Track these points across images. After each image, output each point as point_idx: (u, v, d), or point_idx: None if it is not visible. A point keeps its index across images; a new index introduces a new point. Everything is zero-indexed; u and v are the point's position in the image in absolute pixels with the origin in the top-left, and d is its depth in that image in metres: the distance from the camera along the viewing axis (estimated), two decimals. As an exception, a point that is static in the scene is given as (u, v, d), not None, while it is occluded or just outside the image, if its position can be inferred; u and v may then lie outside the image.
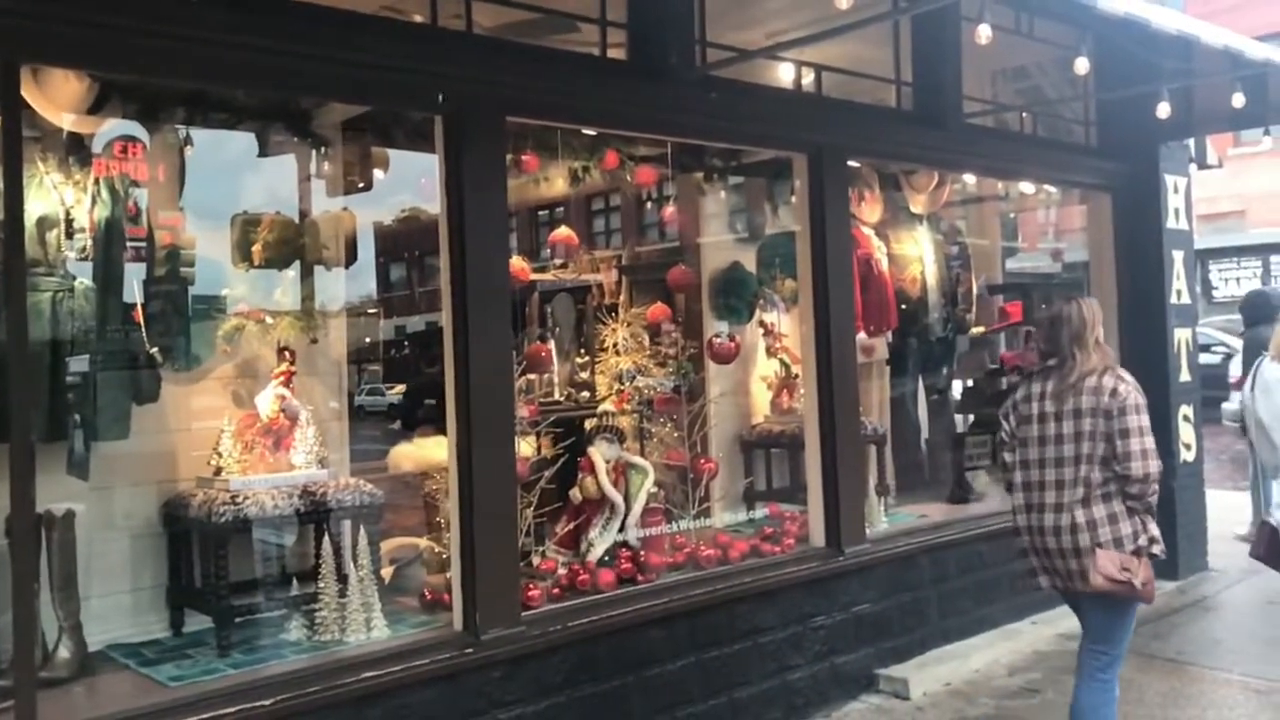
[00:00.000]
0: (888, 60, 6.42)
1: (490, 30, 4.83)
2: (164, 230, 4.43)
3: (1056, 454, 4.01)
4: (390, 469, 5.93)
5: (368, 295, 10.97)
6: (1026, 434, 4.13)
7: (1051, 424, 4.04)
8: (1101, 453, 3.91)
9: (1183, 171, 7.89)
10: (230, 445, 4.41)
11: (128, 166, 4.49)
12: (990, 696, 5.59)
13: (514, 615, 4.35)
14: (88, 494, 4.28)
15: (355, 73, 4.07)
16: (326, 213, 5.96)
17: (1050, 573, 4.08)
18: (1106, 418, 3.90)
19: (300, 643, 4.26)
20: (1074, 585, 4.00)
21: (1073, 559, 3.94)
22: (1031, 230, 11.83)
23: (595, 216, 10.06)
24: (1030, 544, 4.13)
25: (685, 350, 5.90)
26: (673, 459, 5.74)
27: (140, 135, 4.63)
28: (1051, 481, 4.02)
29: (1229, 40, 4.92)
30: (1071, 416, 3.98)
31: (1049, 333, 4.16)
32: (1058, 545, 3.98)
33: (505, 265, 4.45)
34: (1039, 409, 4.10)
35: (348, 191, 5.84)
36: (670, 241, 7.16)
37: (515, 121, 4.97)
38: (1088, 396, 3.94)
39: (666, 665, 4.81)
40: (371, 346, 13.24)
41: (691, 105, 5.15)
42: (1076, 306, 4.12)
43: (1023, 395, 4.21)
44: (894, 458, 7.28)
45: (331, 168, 5.53)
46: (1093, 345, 4.04)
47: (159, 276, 4.36)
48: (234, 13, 3.74)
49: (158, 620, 4.50)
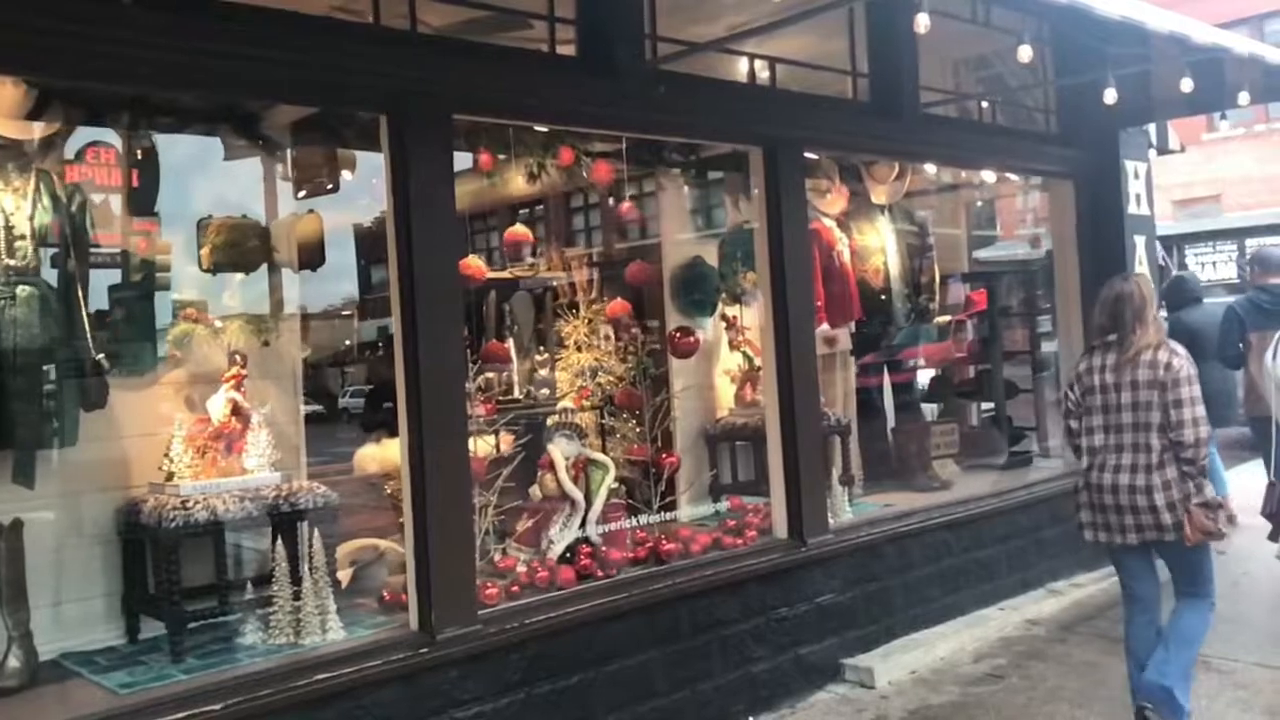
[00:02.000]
0: (844, 53, 6.43)
1: (443, 29, 4.82)
2: (111, 236, 4.41)
3: (1118, 421, 4.41)
4: (356, 470, 5.91)
5: (348, 297, 10.93)
6: (1090, 403, 4.52)
7: (1113, 393, 4.43)
8: (1159, 420, 4.31)
9: (1143, 157, 7.93)
10: (181, 450, 4.39)
11: (83, 172, 4.51)
12: (955, 683, 5.61)
13: (471, 614, 4.35)
14: (40, 502, 4.27)
15: (297, 73, 4.06)
16: (291, 215, 5.99)
17: (1106, 528, 4.50)
18: (1162, 389, 4.30)
19: (255, 646, 4.24)
20: (1127, 538, 4.43)
21: (1130, 515, 4.37)
22: (1009, 218, 11.91)
23: (575, 214, 10.04)
24: (1089, 501, 4.55)
25: (645, 346, 5.89)
26: (635, 454, 5.74)
27: (113, 141, 4.66)
28: (1113, 445, 4.43)
29: (1175, 25, 4.94)
30: (1130, 387, 4.38)
31: (1112, 309, 4.48)
32: (1115, 502, 4.41)
33: (455, 265, 4.45)
34: (1100, 380, 4.47)
35: (314, 194, 5.84)
36: (650, 239, 7.14)
37: (466, 120, 5.01)
38: (1145, 369, 4.34)
39: (627, 660, 4.81)
40: (351, 349, 13.20)
41: (642, 100, 5.15)
42: (1136, 285, 4.50)
43: (1085, 367, 4.58)
44: (861, 448, 7.30)
45: (288, 170, 5.53)
46: (1150, 321, 4.42)
47: (109, 283, 4.33)
48: (171, 15, 3.72)
49: (113, 628, 4.48)
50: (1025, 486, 7.21)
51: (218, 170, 5.18)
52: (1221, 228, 23.53)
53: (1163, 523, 4.32)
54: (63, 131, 4.32)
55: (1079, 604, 6.87)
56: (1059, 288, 7.91)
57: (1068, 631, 6.34)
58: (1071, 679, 5.56)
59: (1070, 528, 7.21)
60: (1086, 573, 7.34)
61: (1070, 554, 7.30)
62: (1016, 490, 7.08)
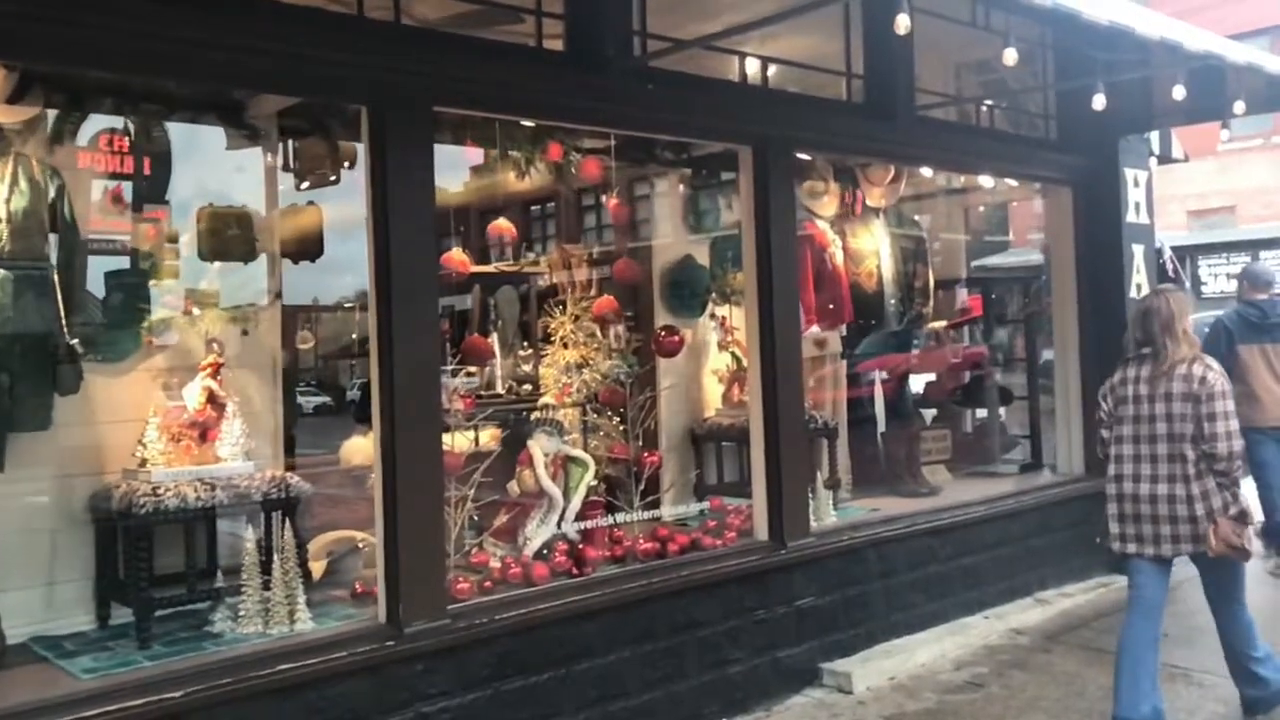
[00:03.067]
0: (840, 53, 6.40)
1: (435, 23, 4.82)
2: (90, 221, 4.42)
3: (1150, 431, 4.49)
4: (342, 463, 5.92)
5: (360, 290, 10.92)
6: (1123, 413, 4.61)
7: (1146, 405, 4.52)
8: (1191, 432, 4.39)
9: (1143, 165, 7.87)
10: (155, 437, 4.39)
11: (96, 159, 4.54)
12: (933, 691, 5.58)
13: (440, 608, 4.34)
14: (12, 486, 4.28)
15: (276, 63, 4.05)
16: (289, 206, 5.99)
17: (1138, 539, 4.56)
18: (1196, 402, 4.39)
19: (224, 635, 4.24)
20: (1161, 549, 4.50)
21: (1166, 525, 4.44)
22: (1022, 224, 11.83)
23: (588, 212, 10.03)
24: (1119, 511, 4.60)
25: (630, 343, 5.87)
26: (616, 453, 5.72)
27: (126, 128, 4.67)
28: (1146, 456, 4.50)
29: (1165, 31, 4.89)
30: (1164, 399, 4.46)
31: (1141, 323, 4.60)
32: (1151, 512, 4.47)
33: (432, 258, 4.44)
34: (1134, 391, 4.57)
35: (317, 185, 5.84)
36: (641, 237, 7.12)
37: (454, 113, 5.01)
38: (1179, 382, 4.43)
39: (599, 659, 4.79)
40: (361, 341, 13.18)
41: (629, 97, 5.14)
42: (1165, 300, 4.59)
43: (1119, 378, 4.67)
44: (851, 451, 7.27)
45: (289, 161, 5.53)
46: (1181, 335, 4.49)
47: (82, 267, 4.34)
48: (154, 3, 3.73)
49: (85, 613, 4.48)
50: (1015, 495, 7.16)
51: (215, 159, 5.18)
52: (1236, 239, 23.37)
53: (1200, 533, 4.40)
54: (44, 116, 4.31)
55: (1066, 614, 6.82)
56: (1056, 295, 7.86)
57: (1052, 641, 6.29)
58: (1051, 689, 5.51)
59: (1060, 537, 7.28)
60: (1076, 582, 7.31)
61: (1059, 563, 7.27)
62: (1005, 498, 7.04)
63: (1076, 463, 7.70)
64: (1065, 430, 7.77)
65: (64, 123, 4.47)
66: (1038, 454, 8.19)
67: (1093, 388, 7.57)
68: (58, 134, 4.46)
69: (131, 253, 4.79)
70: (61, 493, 4.49)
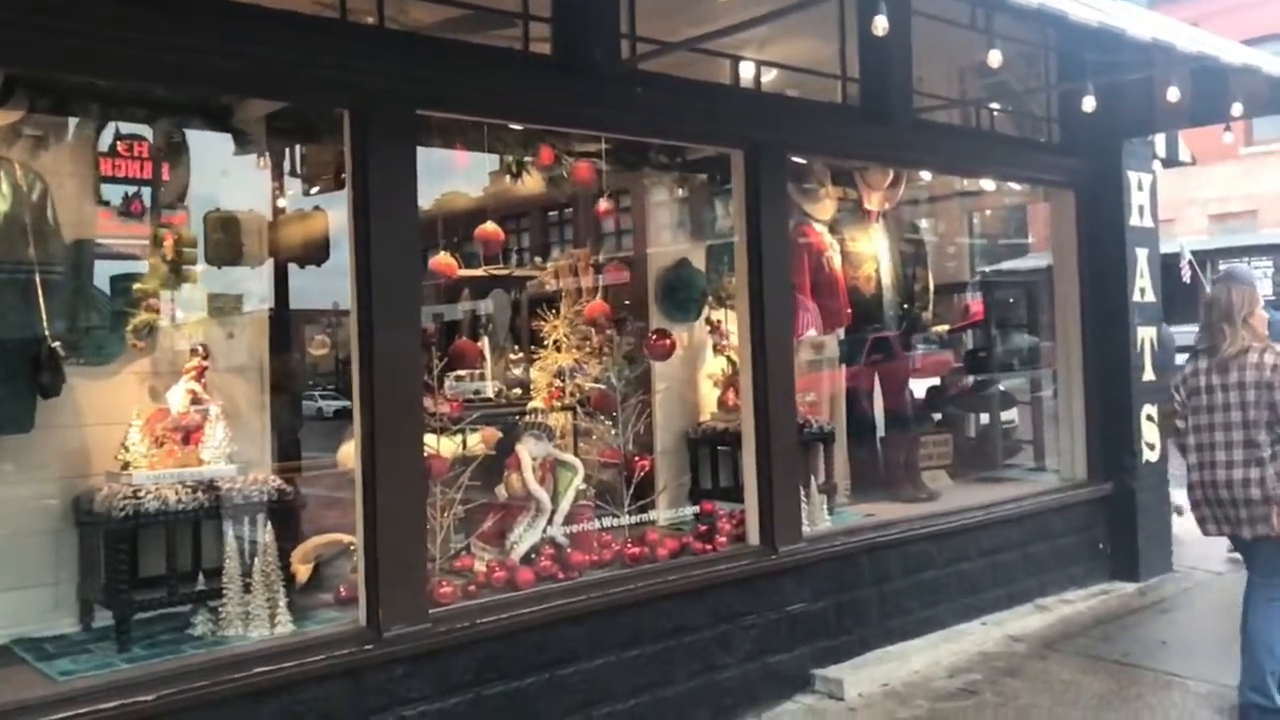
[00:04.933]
0: (836, 57, 6.36)
1: (424, 28, 4.82)
2: (72, 225, 4.44)
3: (1224, 420, 4.68)
4: (340, 465, 5.91)
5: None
6: (1196, 403, 4.80)
7: (1219, 394, 4.71)
8: (1266, 418, 4.58)
9: (1146, 168, 7.78)
10: (138, 440, 4.40)
11: (116, 165, 4.56)
12: (925, 698, 5.53)
13: (420, 612, 4.32)
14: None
15: (258, 67, 4.07)
16: (296, 211, 6.02)
17: (1219, 521, 4.76)
18: (1268, 389, 4.59)
19: (205, 638, 4.24)
20: (1242, 531, 4.67)
21: (1244, 508, 4.61)
22: (1042, 227, 11.72)
23: (605, 218, 10.00)
24: (1203, 496, 4.79)
25: (621, 347, 5.85)
26: (606, 457, 5.70)
27: (145, 134, 4.72)
28: (1221, 443, 4.69)
29: (1157, 33, 4.83)
30: (1236, 388, 4.66)
31: (1206, 314, 4.85)
32: (1230, 496, 4.65)
33: (414, 262, 4.44)
34: (1205, 381, 4.76)
35: (326, 190, 5.86)
36: (637, 241, 7.08)
37: (442, 117, 5.00)
38: (1250, 371, 4.63)
39: (584, 664, 4.77)
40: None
41: (617, 101, 5.12)
42: (1225, 291, 4.79)
43: (1190, 370, 4.87)
44: (850, 456, 7.22)
45: (264, 165, 5.55)
46: (1240, 324, 4.68)
47: (66, 271, 4.35)
48: (135, 7, 3.74)
49: (69, 615, 4.49)
50: (1014, 500, 7.09)
51: (202, 165, 5.19)
52: (1257, 243, 23.12)
53: (1256, 515, 4.59)
54: (27, 120, 4.33)
55: (1065, 620, 6.75)
56: (1059, 299, 7.78)
57: (1049, 649, 6.22)
58: (1045, 697, 5.46)
59: (1062, 543, 7.22)
60: (1077, 589, 7.24)
61: (1060, 569, 7.20)
62: (1005, 504, 6.97)
63: (1079, 468, 7.62)
64: (1068, 435, 7.69)
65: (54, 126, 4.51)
66: (1041, 458, 8.13)
67: (1095, 392, 7.55)
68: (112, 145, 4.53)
69: (118, 257, 4.81)
70: (45, 496, 4.49)
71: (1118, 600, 7.17)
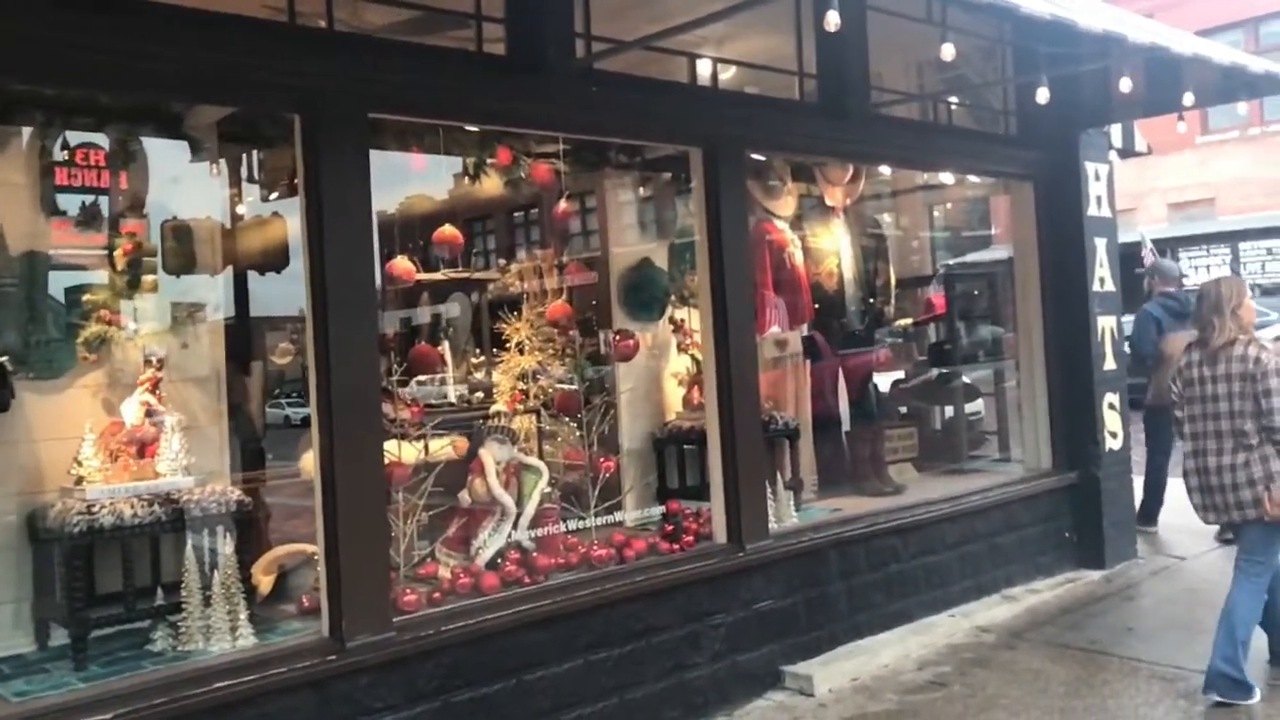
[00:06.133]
0: (793, 53, 6.35)
1: (376, 30, 4.77)
2: (23, 237, 4.36)
3: (1214, 410, 4.96)
4: (302, 474, 5.84)
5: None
6: (1191, 394, 5.09)
7: (1210, 385, 4.99)
8: (1251, 409, 4.83)
9: (1103, 159, 7.84)
10: (92, 454, 4.32)
11: (73, 174, 4.48)
12: (895, 691, 5.54)
13: (384, 621, 4.28)
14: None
15: (206, 71, 4.00)
16: (254, 218, 5.95)
17: (1211, 508, 5.04)
18: (1252, 380, 4.83)
19: (164, 653, 4.18)
20: (1233, 515, 4.97)
21: (1233, 493, 4.89)
22: (1006, 219, 11.76)
23: (565, 218, 9.95)
24: (1197, 483, 5.06)
25: (584, 348, 5.82)
26: (571, 458, 5.67)
27: (100, 142, 4.65)
28: (1212, 432, 4.97)
29: (1109, 25, 4.86)
30: (1225, 380, 4.93)
31: (1196, 309, 5.14)
32: (1219, 482, 4.94)
33: (369, 267, 4.39)
34: (1199, 373, 5.05)
35: (283, 196, 5.78)
36: (596, 241, 7.06)
37: (397, 120, 4.95)
38: (1236, 363, 4.89)
39: (552, 668, 4.74)
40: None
41: (573, 100, 5.09)
42: (1216, 285, 5.11)
43: (1186, 362, 5.15)
44: (816, 451, 7.22)
45: (216, 172, 5.47)
46: (1229, 315, 4.94)
47: (15, 282, 4.27)
48: (80, 11, 3.67)
49: (24, 635, 4.41)
50: (980, 491, 7.11)
51: (174, 172, 5.12)
52: (1215, 231, 23.43)
53: (1258, 499, 4.82)
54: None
55: (1033, 610, 6.79)
56: (1020, 290, 7.82)
57: (1017, 638, 6.25)
58: (1013, 687, 5.48)
59: (1028, 533, 7.26)
60: (1044, 579, 7.28)
61: (1027, 560, 7.24)
62: (970, 495, 6.99)
63: (1044, 458, 7.67)
64: (1032, 425, 7.74)
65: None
66: (1006, 449, 8.17)
67: (1058, 382, 7.61)
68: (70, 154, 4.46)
69: (74, 267, 4.73)
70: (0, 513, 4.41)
71: (1084, 588, 7.22)
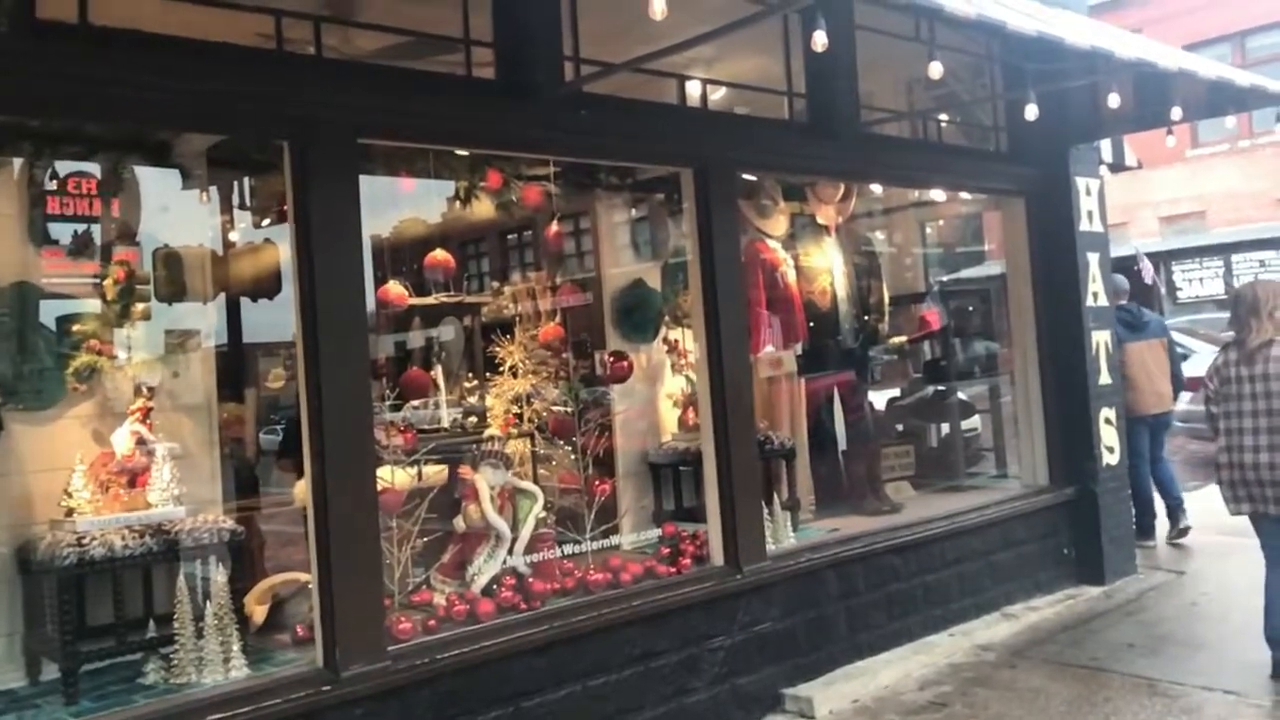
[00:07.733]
0: (783, 73, 6.37)
1: (365, 56, 4.77)
2: (13, 266, 4.34)
3: (1252, 407, 5.18)
4: (296, 502, 5.81)
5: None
6: (1226, 391, 5.31)
7: (1246, 384, 5.21)
8: None
9: (1094, 174, 7.86)
10: (82, 485, 4.28)
11: (65, 203, 4.47)
12: (896, 712, 5.49)
13: (379, 650, 4.23)
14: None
15: (195, 101, 3.99)
16: (246, 245, 5.94)
17: (1248, 500, 5.25)
18: None
19: (156, 686, 4.12)
20: (1269, 508, 5.16)
21: (1270, 488, 5.12)
22: (999, 234, 11.76)
23: (557, 241, 9.97)
24: (1230, 478, 5.29)
25: (577, 371, 5.80)
26: (566, 482, 5.63)
27: (91, 170, 4.64)
28: (1249, 428, 5.19)
29: (1096, 41, 4.87)
30: (1262, 379, 5.16)
31: (1234, 310, 5.36)
32: (1256, 477, 5.16)
33: (360, 293, 4.36)
34: (1235, 372, 5.28)
35: (275, 223, 5.77)
36: (591, 263, 7.04)
37: (386, 145, 4.95)
38: (1274, 363, 5.13)
39: (549, 694, 4.69)
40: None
41: (562, 123, 5.09)
42: (1252, 288, 5.36)
43: (1222, 361, 5.39)
44: (813, 471, 7.19)
45: (206, 199, 5.46)
46: (1266, 317, 5.18)
47: (6, 313, 4.25)
48: (64, 42, 3.67)
49: (15, 669, 4.36)
50: (978, 509, 7.08)
51: (164, 200, 5.12)
52: (1207, 243, 23.50)
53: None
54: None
55: (1033, 627, 6.75)
56: (1013, 305, 7.82)
57: (1018, 656, 6.21)
58: (1015, 706, 5.43)
59: (1026, 550, 7.23)
60: (1043, 595, 7.25)
61: (1025, 577, 7.20)
62: (968, 513, 6.96)
63: (1041, 474, 7.64)
64: (1028, 441, 7.72)
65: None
66: (1003, 465, 8.15)
67: (1053, 397, 7.59)
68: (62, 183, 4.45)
69: (67, 297, 4.70)
70: (-11, 546, 4.37)
71: (1084, 604, 7.18)
